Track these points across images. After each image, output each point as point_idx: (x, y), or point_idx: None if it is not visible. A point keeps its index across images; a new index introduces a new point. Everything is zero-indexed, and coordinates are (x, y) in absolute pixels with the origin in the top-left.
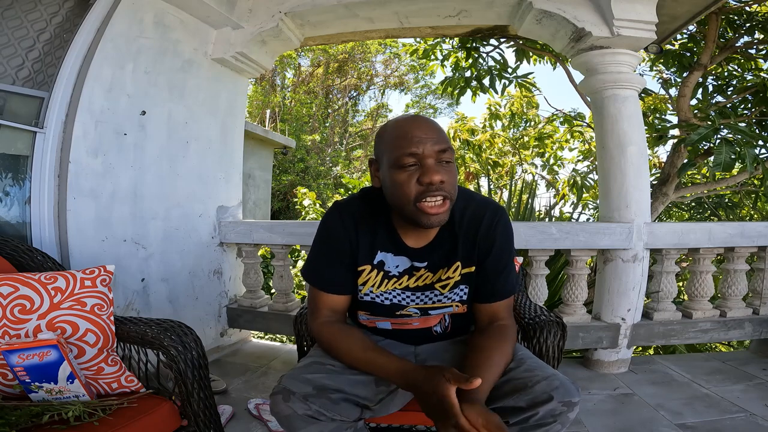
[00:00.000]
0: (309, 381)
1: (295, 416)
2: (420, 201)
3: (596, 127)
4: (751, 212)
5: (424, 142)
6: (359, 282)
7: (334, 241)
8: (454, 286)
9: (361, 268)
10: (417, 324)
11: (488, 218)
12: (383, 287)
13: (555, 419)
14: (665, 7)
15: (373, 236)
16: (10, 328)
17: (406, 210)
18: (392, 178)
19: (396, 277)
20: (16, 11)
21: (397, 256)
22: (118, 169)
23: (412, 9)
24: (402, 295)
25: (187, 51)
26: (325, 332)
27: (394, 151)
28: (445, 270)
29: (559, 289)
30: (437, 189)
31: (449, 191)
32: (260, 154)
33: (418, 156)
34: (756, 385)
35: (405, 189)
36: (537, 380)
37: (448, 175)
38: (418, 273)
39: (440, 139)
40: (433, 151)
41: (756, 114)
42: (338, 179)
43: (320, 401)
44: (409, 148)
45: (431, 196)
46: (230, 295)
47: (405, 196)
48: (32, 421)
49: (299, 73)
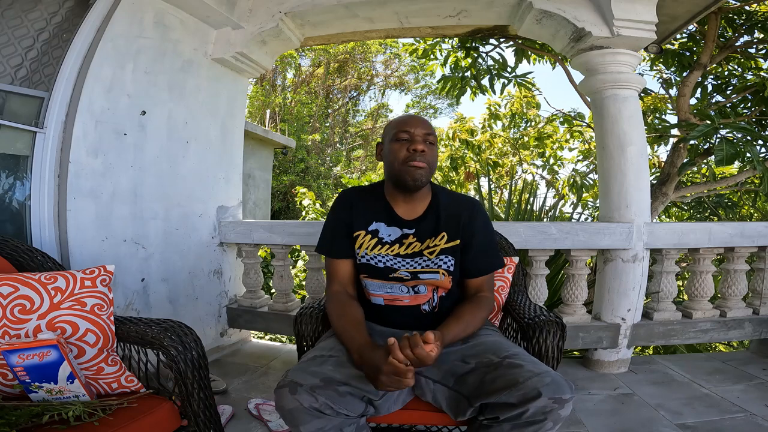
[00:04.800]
0: (316, 373)
1: (301, 409)
2: (407, 162)
3: (596, 127)
4: (751, 212)
5: (415, 125)
6: (356, 246)
7: (335, 218)
8: (441, 253)
9: (356, 233)
10: (407, 301)
11: (469, 208)
12: (376, 251)
13: (545, 416)
14: (665, 7)
15: (369, 209)
16: (10, 328)
17: (396, 169)
18: (391, 147)
19: (389, 244)
20: (16, 11)
21: (389, 227)
22: (118, 169)
23: (412, 9)
24: (394, 260)
25: (187, 51)
26: (331, 300)
27: (394, 130)
28: (432, 239)
29: (559, 289)
30: (420, 156)
31: (429, 161)
32: (260, 154)
33: (410, 134)
34: (756, 385)
35: (398, 153)
36: (528, 377)
37: (429, 149)
38: (407, 241)
39: (427, 126)
40: (421, 133)
41: (756, 114)
42: (338, 179)
43: (327, 393)
44: (404, 127)
45: (414, 160)
46: (230, 295)
47: (397, 158)
48: (32, 421)
49: (300, 73)
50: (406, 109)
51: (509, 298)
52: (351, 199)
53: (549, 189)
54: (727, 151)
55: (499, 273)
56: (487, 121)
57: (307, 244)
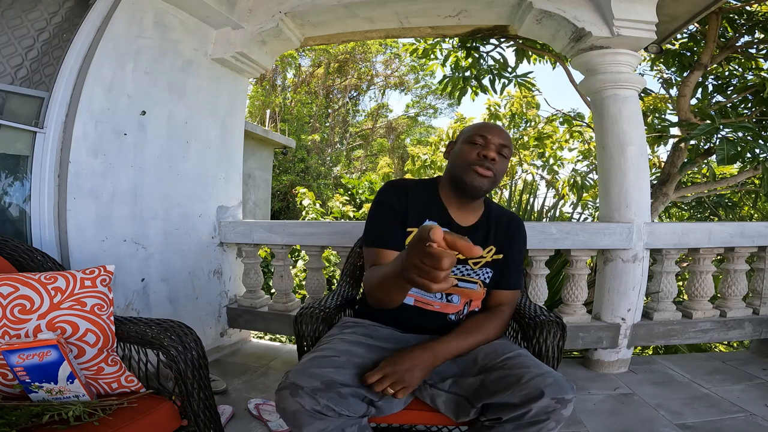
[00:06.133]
0: (317, 375)
1: (303, 411)
2: (474, 165)
3: (596, 127)
4: (751, 212)
5: (493, 133)
6: (406, 242)
7: (385, 207)
8: (485, 265)
9: (410, 229)
10: (438, 307)
11: (515, 223)
12: None
13: (548, 416)
14: (665, 7)
15: (424, 207)
16: (10, 328)
17: (460, 170)
18: (461, 148)
19: None
20: (16, 11)
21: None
22: (118, 169)
23: (412, 9)
24: None
25: (187, 51)
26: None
27: (471, 132)
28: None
29: (559, 289)
30: (489, 163)
31: (497, 171)
32: (260, 154)
33: (486, 139)
34: (756, 385)
35: (468, 155)
36: (530, 377)
37: (500, 160)
38: None
39: (506, 138)
40: (498, 142)
41: (756, 114)
42: (338, 179)
43: (329, 396)
44: (483, 132)
45: (483, 166)
46: (230, 295)
47: (465, 160)
48: (32, 421)
49: (300, 73)
50: (406, 109)
51: None
52: (405, 186)
53: (549, 189)
54: (728, 151)
55: None
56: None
57: (308, 244)
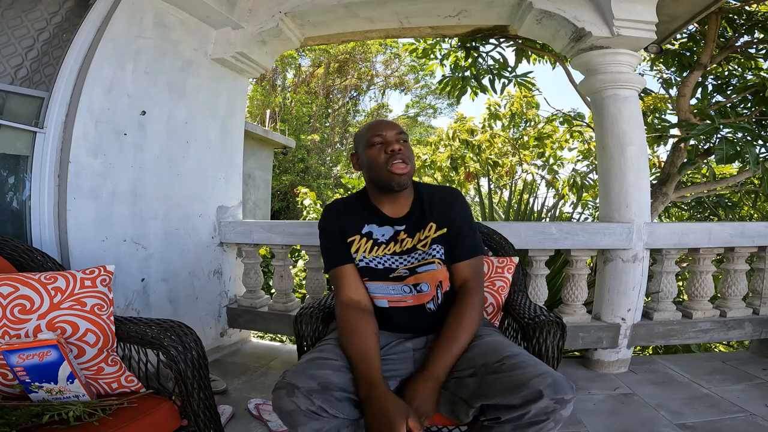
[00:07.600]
0: (314, 377)
1: (298, 411)
2: (389, 165)
3: (596, 127)
4: (751, 212)
5: (385, 128)
6: (352, 251)
7: (328, 233)
8: (432, 243)
9: (350, 239)
10: (411, 301)
11: (449, 195)
12: (374, 253)
13: (548, 417)
14: (665, 7)
15: (358, 215)
16: (10, 328)
17: (381, 175)
18: (367, 155)
19: (384, 244)
20: (16, 11)
21: (381, 227)
22: (118, 169)
23: (412, 9)
24: (391, 259)
25: (187, 51)
26: (343, 316)
27: (367, 136)
28: (422, 231)
29: (559, 289)
30: (398, 154)
31: (406, 157)
32: (260, 154)
33: (383, 137)
34: (756, 385)
35: (377, 159)
36: (529, 377)
37: (404, 147)
38: (401, 237)
39: (396, 126)
40: (393, 134)
41: (756, 114)
42: (338, 179)
43: (324, 397)
44: (376, 131)
45: (395, 160)
46: (230, 295)
47: (378, 164)
48: (32, 421)
49: (300, 73)
50: (406, 109)
51: (509, 298)
52: (337, 208)
53: (549, 189)
54: (727, 151)
55: (499, 273)
56: (487, 121)
57: (307, 244)
